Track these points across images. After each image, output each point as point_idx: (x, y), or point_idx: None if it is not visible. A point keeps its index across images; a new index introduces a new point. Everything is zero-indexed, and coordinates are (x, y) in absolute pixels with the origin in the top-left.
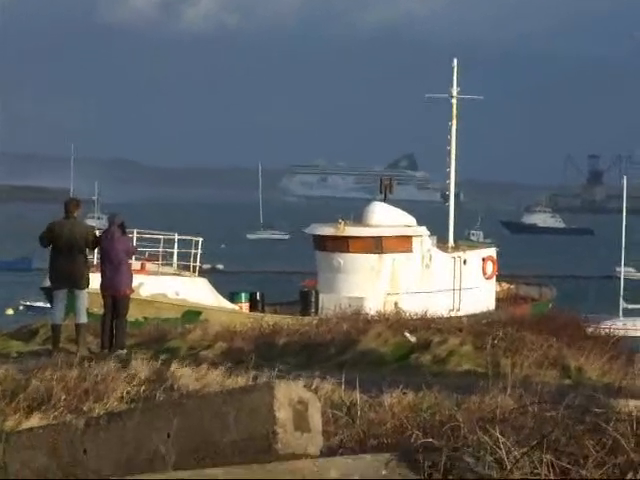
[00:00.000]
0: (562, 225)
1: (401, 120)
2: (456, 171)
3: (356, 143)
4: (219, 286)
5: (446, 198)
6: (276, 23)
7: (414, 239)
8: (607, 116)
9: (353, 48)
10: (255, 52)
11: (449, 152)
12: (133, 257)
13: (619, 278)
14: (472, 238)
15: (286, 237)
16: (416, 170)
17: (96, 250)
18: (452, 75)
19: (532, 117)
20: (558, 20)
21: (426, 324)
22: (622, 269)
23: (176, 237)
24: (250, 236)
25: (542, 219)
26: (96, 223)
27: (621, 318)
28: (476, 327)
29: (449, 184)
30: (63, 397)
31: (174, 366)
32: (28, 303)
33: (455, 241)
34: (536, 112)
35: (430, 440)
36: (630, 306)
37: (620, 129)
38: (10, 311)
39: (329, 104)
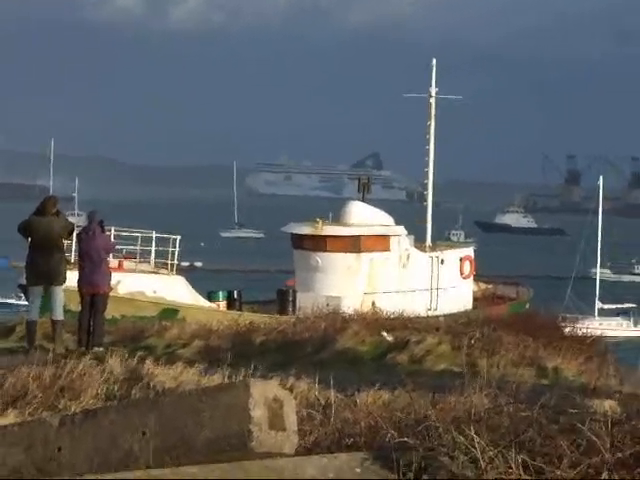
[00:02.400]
0: (534, 225)
1: (366, 119)
2: (434, 171)
3: (320, 142)
4: (197, 284)
5: (411, 197)
6: (260, 23)
7: (392, 238)
8: (586, 116)
9: (330, 48)
10: (236, 51)
11: (427, 152)
12: (111, 255)
13: (594, 279)
14: (453, 238)
15: (260, 235)
16: (381, 169)
17: (73, 247)
18: (431, 75)
19: (511, 117)
20: (540, 22)
21: (403, 323)
22: (598, 270)
23: (154, 235)
24: (224, 234)
25: (515, 219)
26: (75, 220)
27: (597, 318)
28: (453, 327)
29: (427, 184)
30: (39, 394)
31: (150, 364)
32: (0, 300)
33: (432, 240)
34: (515, 113)
35: (405, 439)
36: (605, 306)
37: (598, 129)
38: None
39: (296, 102)
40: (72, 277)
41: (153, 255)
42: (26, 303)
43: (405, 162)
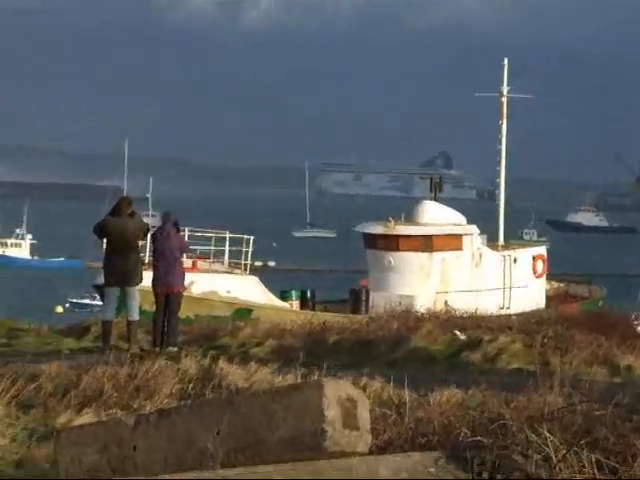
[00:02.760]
0: (605, 224)
1: (435, 118)
2: (505, 170)
3: (388, 141)
4: (270, 284)
5: (481, 196)
6: (330, 23)
7: (464, 237)
8: None
9: (399, 47)
10: (305, 53)
11: (499, 151)
12: (185, 255)
13: None
14: (525, 237)
15: (332, 235)
16: (451, 168)
17: (148, 247)
18: (503, 74)
19: (583, 116)
20: (611, 23)
21: (476, 322)
22: None
23: (227, 235)
24: (297, 234)
25: (587, 218)
26: (149, 221)
27: None
28: (526, 325)
29: (499, 183)
30: (114, 394)
31: (224, 364)
32: (75, 300)
33: (505, 239)
34: (587, 111)
35: (478, 438)
36: None
37: None
38: (60, 309)
39: (363, 102)
40: (147, 277)
41: (227, 255)
42: (100, 303)
43: (475, 160)
